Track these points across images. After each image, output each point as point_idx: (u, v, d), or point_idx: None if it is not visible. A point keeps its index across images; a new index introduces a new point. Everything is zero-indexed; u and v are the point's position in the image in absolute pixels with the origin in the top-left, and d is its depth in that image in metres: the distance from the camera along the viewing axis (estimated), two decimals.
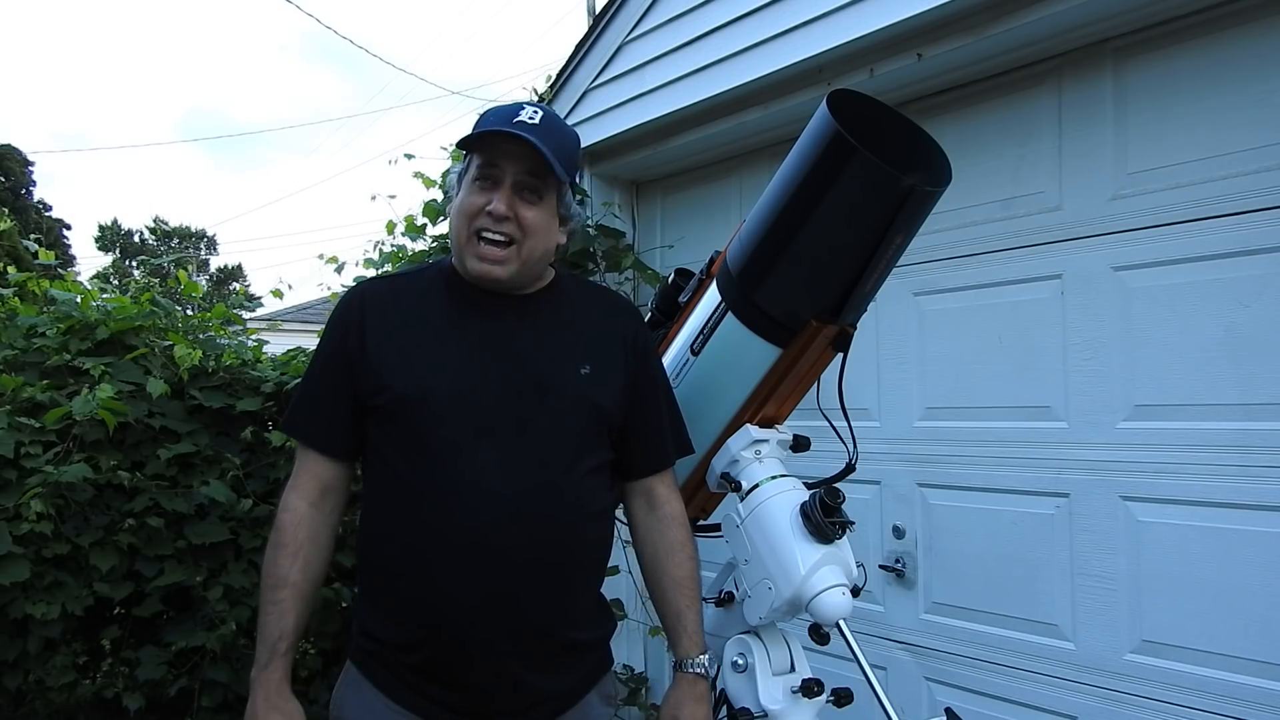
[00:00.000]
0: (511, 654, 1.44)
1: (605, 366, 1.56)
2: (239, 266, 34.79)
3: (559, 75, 3.53)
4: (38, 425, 2.56)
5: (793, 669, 1.57)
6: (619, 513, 1.68)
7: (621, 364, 1.57)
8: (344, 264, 3.71)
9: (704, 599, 1.78)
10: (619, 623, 3.39)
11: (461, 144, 1.50)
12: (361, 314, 1.53)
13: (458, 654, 1.43)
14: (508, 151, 1.46)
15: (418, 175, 3.59)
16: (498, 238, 1.47)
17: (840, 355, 1.62)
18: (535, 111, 1.49)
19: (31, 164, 23.21)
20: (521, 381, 1.50)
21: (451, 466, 1.44)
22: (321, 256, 3.70)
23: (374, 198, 3.67)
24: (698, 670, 1.55)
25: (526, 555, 1.43)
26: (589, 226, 3.41)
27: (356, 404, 1.51)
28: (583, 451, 1.51)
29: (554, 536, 1.46)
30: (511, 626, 1.43)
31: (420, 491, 1.45)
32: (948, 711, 1.49)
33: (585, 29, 3.46)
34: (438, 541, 1.44)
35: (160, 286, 3.27)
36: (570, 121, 3.48)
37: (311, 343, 1.85)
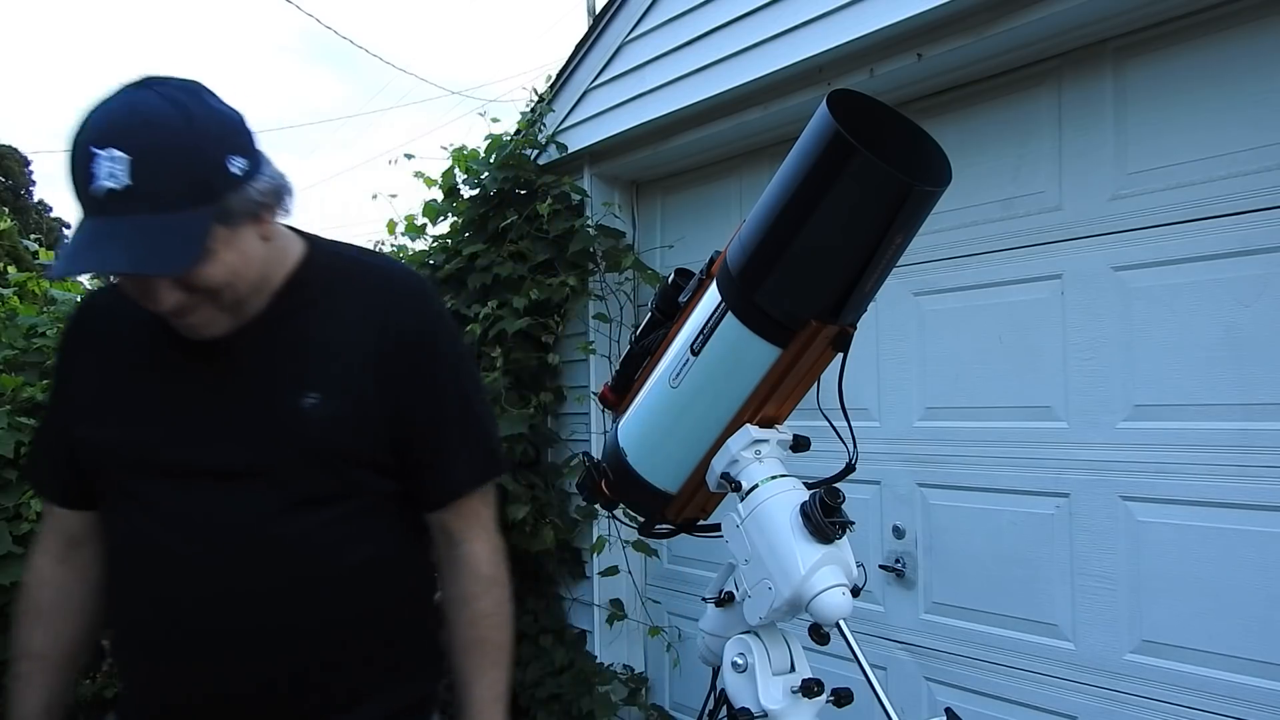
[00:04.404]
0: None
1: (343, 390, 1.22)
2: None
3: (559, 75, 3.53)
4: (38, 425, 2.55)
5: (793, 669, 1.56)
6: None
7: (373, 381, 1.23)
8: None
9: (704, 599, 1.78)
10: (618, 623, 3.40)
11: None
12: (78, 339, 1.31)
13: None
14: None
15: (418, 175, 3.60)
16: (194, 323, 1.15)
17: (840, 355, 1.62)
18: (113, 168, 1.02)
19: (31, 164, 23.25)
20: (234, 424, 1.19)
21: (147, 533, 1.18)
22: None
23: (375, 196, 3.70)
24: None
25: (253, 641, 1.15)
26: (589, 227, 3.40)
27: None
28: (317, 498, 1.20)
29: (286, 608, 1.17)
30: None
31: (121, 564, 1.22)
32: (948, 711, 1.48)
33: (585, 29, 3.46)
34: (142, 630, 1.20)
35: None
36: (570, 122, 3.47)
37: None
